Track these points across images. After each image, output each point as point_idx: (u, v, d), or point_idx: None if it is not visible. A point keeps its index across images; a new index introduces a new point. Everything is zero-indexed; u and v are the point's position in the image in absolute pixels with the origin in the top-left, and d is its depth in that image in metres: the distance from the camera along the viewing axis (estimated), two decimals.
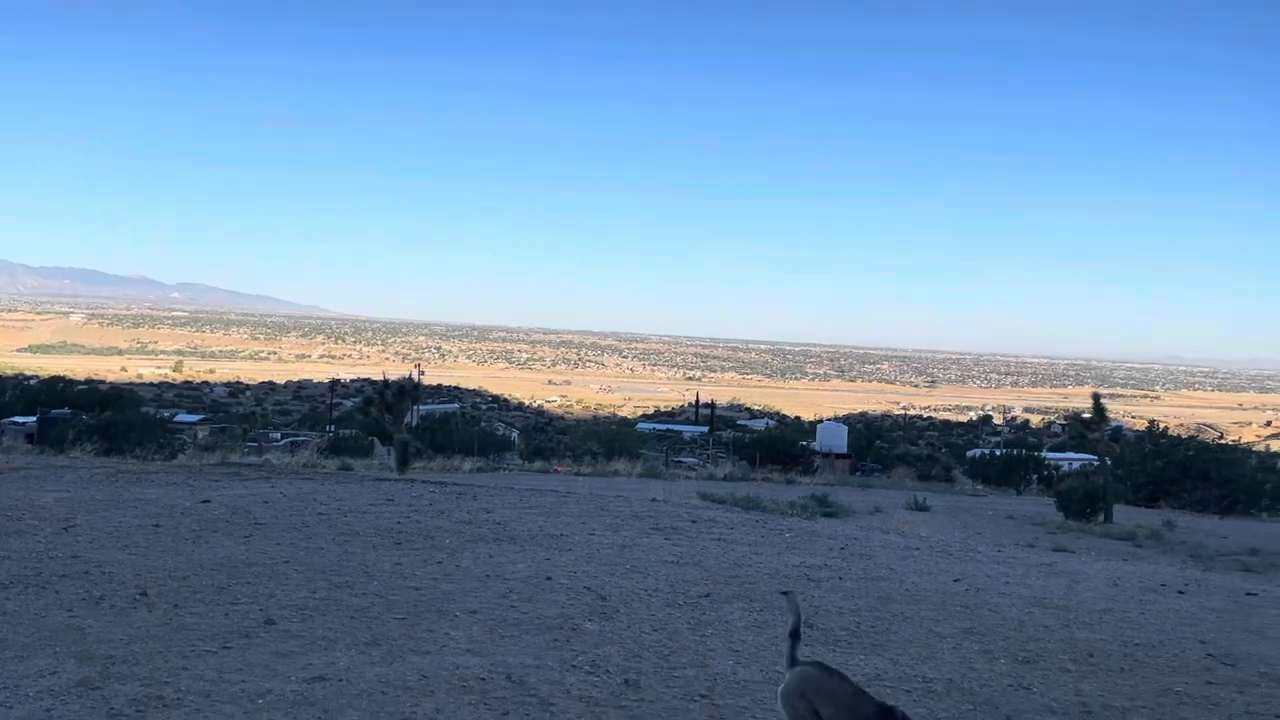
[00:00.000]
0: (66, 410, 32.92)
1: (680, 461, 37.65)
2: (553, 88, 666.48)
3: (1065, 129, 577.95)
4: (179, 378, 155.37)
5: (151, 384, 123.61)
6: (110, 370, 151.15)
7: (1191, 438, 35.49)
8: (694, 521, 10.38)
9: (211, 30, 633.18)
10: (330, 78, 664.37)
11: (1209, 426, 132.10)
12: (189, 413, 66.02)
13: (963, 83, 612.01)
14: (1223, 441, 49.92)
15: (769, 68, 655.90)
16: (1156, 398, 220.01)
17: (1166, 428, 35.42)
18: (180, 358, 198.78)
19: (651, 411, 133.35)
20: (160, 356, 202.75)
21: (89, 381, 66.74)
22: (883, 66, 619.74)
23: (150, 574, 6.35)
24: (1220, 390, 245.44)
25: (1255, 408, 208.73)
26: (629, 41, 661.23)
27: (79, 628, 5.03)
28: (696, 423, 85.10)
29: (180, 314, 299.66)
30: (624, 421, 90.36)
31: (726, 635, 5.51)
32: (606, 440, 38.36)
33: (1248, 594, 7.84)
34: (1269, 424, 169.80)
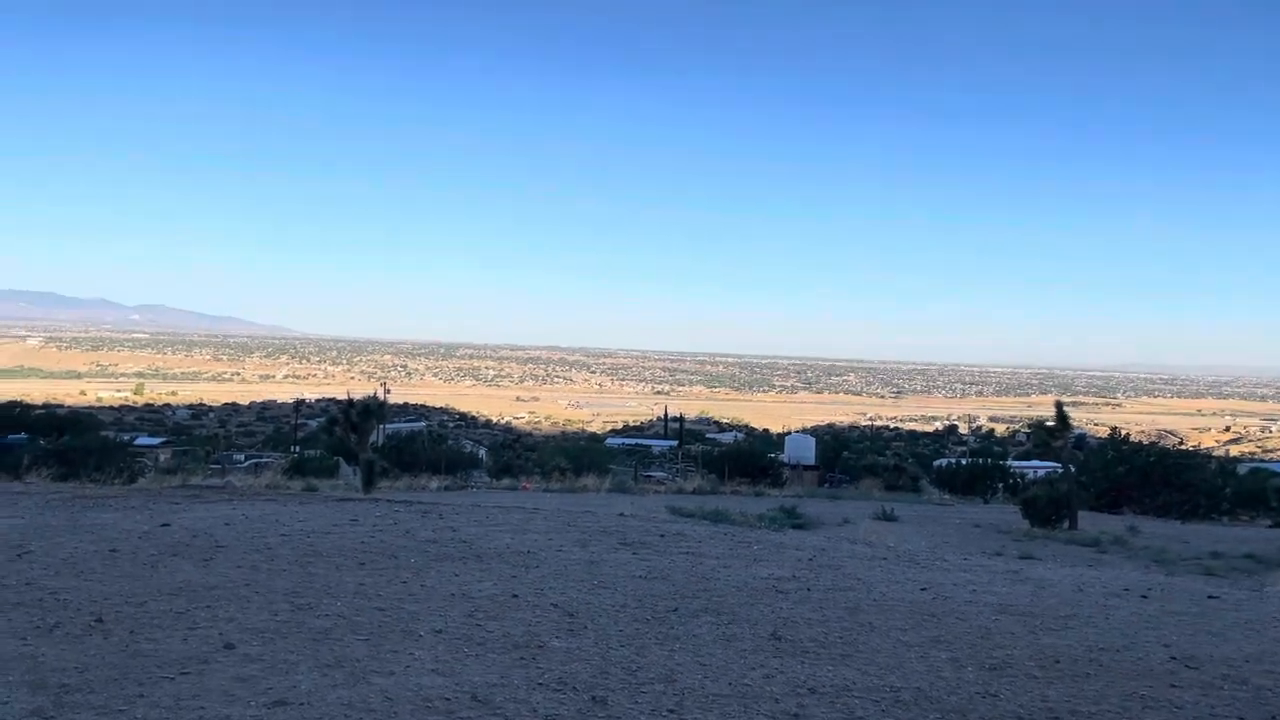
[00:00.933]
0: (23, 435, 32.37)
1: (649, 476, 37.59)
2: (518, 102, 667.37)
3: (1021, 138, 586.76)
4: (140, 400, 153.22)
5: (112, 407, 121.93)
6: (69, 394, 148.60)
7: (1153, 444, 35.94)
8: (662, 536, 10.35)
9: (162, 45, 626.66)
10: (288, 94, 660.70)
11: (1169, 433, 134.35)
12: (150, 436, 65.01)
13: (916, 99, 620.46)
14: (1183, 447, 50.66)
15: (731, 85, 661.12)
16: (1118, 405, 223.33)
17: (1128, 434, 35.87)
18: (141, 380, 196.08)
19: (620, 426, 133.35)
20: (120, 379, 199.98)
21: (46, 406, 65.45)
22: (837, 86, 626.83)
23: (106, 600, 6.21)
24: (1179, 397, 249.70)
25: (1214, 413, 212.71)
26: (595, 53, 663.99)
27: (32, 656, 4.91)
28: (665, 437, 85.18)
29: (141, 336, 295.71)
30: (592, 437, 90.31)
31: (695, 649, 5.48)
32: (575, 456, 38.24)
33: (1210, 597, 7.93)
34: (1227, 429, 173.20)
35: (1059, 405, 21.58)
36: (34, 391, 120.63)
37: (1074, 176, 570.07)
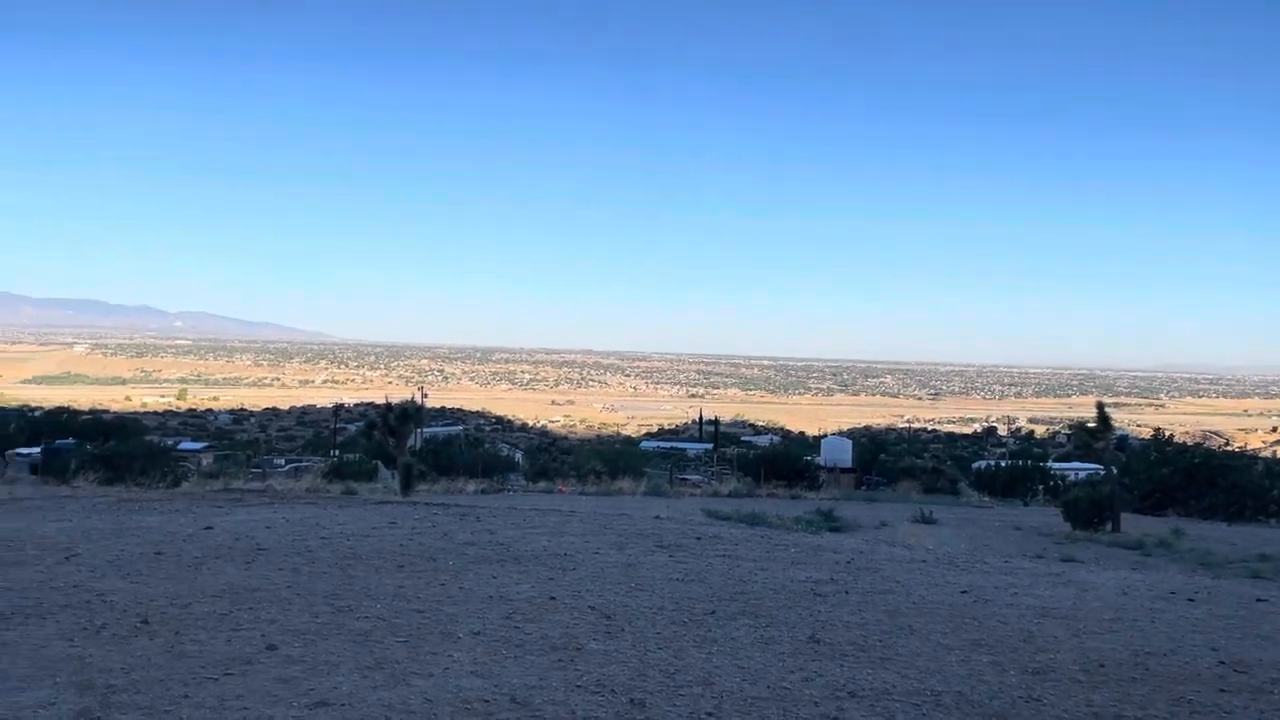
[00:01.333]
0: (71, 441, 32.98)
1: (685, 479, 37.61)
2: (550, 107, 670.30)
3: (1059, 136, 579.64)
4: (183, 406, 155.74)
5: (156, 413, 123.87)
6: (114, 400, 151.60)
7: (1197, 445, 35.32)
8: (699, 538, 10.33)
9: (196, 54, 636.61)
10: (325, 102, 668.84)
11: (1215, 433, 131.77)
12: (193, 440, 65.94)
13: (954, 101, 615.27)
14: (1229, 448, 49.74)
15: (771, 85, 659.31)
16: (1161, 406, 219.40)
17: (1172, 435, 35.31)
18: (184, 386, 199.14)
19: (655, 429, 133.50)
20: (164, 385, 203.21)
21: (93, 411, 66.64)
22: (873, 89, 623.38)
23: (152, 602, 6.32)
24: (1225, 397, 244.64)
25: (1261, 413, 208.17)
26: (609, 53, 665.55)
27: (80, 657, 5.00)
28: (700, 440, 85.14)
29: (183, 342, 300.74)
30: (628, 440, 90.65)
31: (733, 652, 5.46)
32: (610, 459, 38.34)
33: (1258, 600, 7.77)
34: (1275, 429, 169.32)
35: (1100, 406, 21.23)
36: (80, 398, 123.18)
37: (1115, 173, 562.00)
